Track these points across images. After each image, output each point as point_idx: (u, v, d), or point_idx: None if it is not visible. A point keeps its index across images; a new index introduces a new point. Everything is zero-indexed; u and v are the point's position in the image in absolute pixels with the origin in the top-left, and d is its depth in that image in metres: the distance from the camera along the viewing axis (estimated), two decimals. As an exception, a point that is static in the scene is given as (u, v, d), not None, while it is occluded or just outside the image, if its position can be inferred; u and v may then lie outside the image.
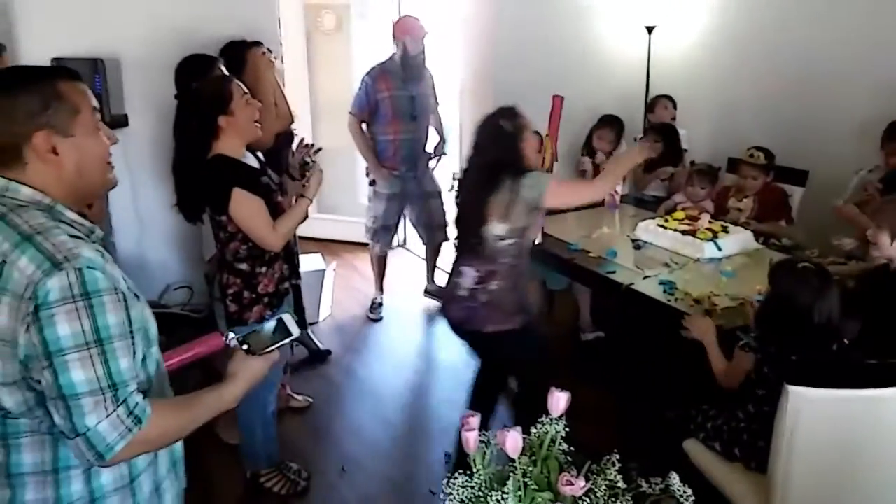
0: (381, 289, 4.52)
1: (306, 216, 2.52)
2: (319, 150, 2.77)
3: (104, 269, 1.22)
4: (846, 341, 2.17)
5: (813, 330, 2.08)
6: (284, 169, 2.77)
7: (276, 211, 2.43)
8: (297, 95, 5.19)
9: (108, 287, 1.20)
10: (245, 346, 1.45)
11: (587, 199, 2.73)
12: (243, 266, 2.43)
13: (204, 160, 2.36)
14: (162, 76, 3.40)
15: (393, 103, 4.01)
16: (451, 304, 2.58)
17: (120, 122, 3.51)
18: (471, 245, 2.48)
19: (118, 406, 1.19)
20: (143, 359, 1.33)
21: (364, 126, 4.13)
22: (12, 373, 1.20)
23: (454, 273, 2.57)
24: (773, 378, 2.12)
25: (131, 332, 1.24)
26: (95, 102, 1.35)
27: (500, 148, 2.44)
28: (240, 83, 2.41)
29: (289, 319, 1.49)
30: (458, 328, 2.61)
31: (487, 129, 2.48)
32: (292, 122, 3.40)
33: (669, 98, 4.27)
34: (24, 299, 1.16)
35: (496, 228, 2.41)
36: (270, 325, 1.49)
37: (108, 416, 1.18)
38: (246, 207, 2.34)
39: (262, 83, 2.99)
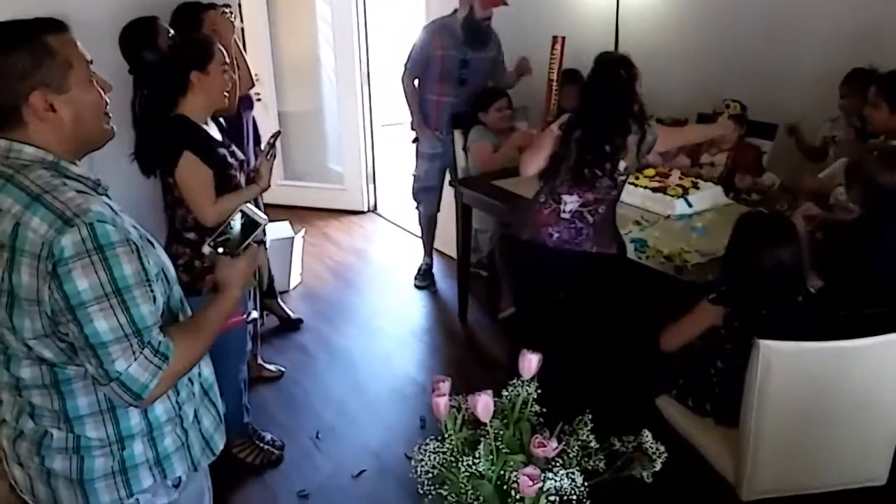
0: (430, 253, 4.38)
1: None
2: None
3: (114, 221, 1.24)
4: (812, 290, 2.18)
5: (771, 278, 2.08)
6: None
7: (228, 186, 2.36)
8: (258, 59, 5.05)
9: (119, 239, 1.23)
10: (221, 251, 1.47)
11: (678, 144, 3.07)
12: (191, 235, 2.35)
13: (167, 114, 2.30)
14: (114, 39, 3.26)
15: (443, 63, 3.84)
16: (548, 226, 2.62)
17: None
18: (583, 176, 2.55)
19: (144, 348, 1.25)
20: (168, 299, 1.40)
21: (416, 82, 3.98)
22: (42, 328, 1.25)
23: (548, 199, 2.63)
24: (744, 332, 2.13)
25: (148, 280, 1.28)
26: (87, 54, 1.34)
27: (621, 94, 2.55)
28: (223, 50, 2.35)
29: (251, 209, 1.49)
30: (553, 250, 2.64)
31: (607, 77, 2.58)
32: (252, 86, 3.30)
33: None
34: (42, 258, 1.19)
35: (621, 165, 2.57)
36: (236, 222, 1.48)
37: (136, 360, 1.23)
38: (191, 174, 2.26)
39: (223, 45, 2.88)
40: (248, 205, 1.51)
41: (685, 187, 3.14)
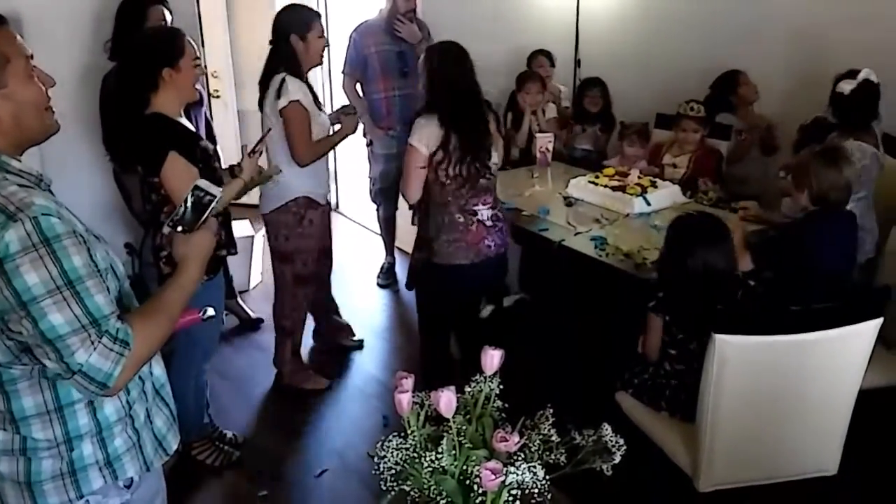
0: (391, 252, 4.41)
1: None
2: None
3: (59, 213, 1.21)
4: (752, 283, 2.24)
5: (701, 279, 2.14)
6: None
7: (213, 177, 2.34)
8: (216, 54, 4.99)
9: (66, 231, 1.20)
10: (180, 229, 1.45)
11: None
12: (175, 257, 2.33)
13: (140, 113, 2.28)
14: (69, 35, 3.20)
15: (380, 59, 3.85)
16: (484, 239, 2.63)
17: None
18: (481, 183, 2.58)
19: (102, 337, 1.22)
20: (120, 295, 1.37)
21: (359, 86, 3.99)
22: None
23: (466, 217, 2.60)
24: (683, 336, 2.20)
25: (99, 271, 1.26)
26: (27, 49, 1.30)
27: (474, 80, 2.55)
28: (192, 42, 2.34)
29: (204, 184, 1.47)
30: (493, 258, 2.67)
31: (467, 64, 2.56)
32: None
33: (546, 54, 4.21)
34: None
35: (494, 157, 2.60)
36: (190, 199, 1.46)
37: (95, 350, 1.21)
38: (179, 173, 2.24)
39: None
40: (201, 180, 1.50)
41: (644, 186, 3.19)
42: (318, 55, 2.97)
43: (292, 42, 2.86)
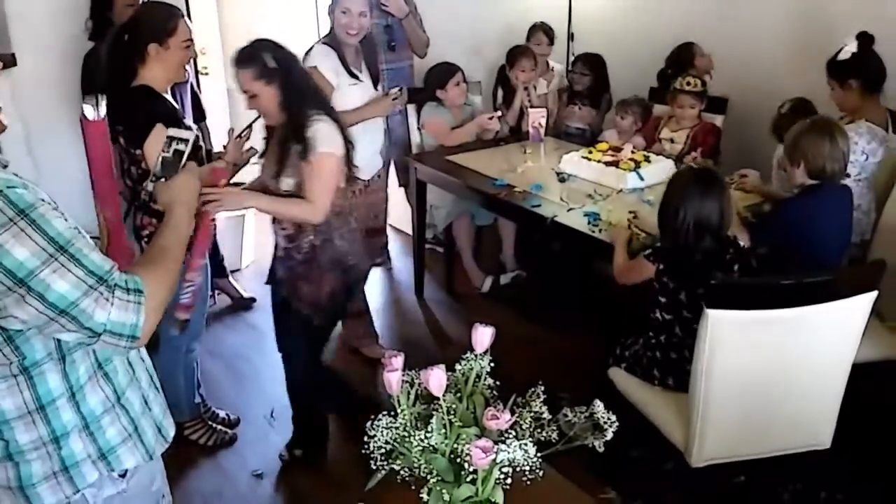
0: (385, 233, 4.34)
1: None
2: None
3: (25, 185, 1.17)
4: (742, 245, 2.24)
5: (691, 228, 2.15)
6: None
7: (195, 157, 2.30)
8: (204, 30, 4.90)
9: (37, 199, 1.15)
10: (164, 179, 1.50)
11: None
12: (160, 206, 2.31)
13: (126, 84, 2.27)
14: (52, 8, 3.14)
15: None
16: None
17: (6, 62, 3.24)
18: None
19: (114, 291, 1.17)
20: None
21: None
22: None
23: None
24: (674, 286, 2.22)
25: (80, 233, 1.21)
26: None
27: None
28: (188, 24, 2.33)
29: (175, 131, 1.56)
30: None
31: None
32: None
33: (545, 30, 4.10)
34: None
35: None
36: (167, 150, 1.56)
37: (113, 305, 1.17)
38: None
39: None
40: (171, 129, 1.55)
41: (637, 161, 3.16)
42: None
43: (329, 15, 3.09)
